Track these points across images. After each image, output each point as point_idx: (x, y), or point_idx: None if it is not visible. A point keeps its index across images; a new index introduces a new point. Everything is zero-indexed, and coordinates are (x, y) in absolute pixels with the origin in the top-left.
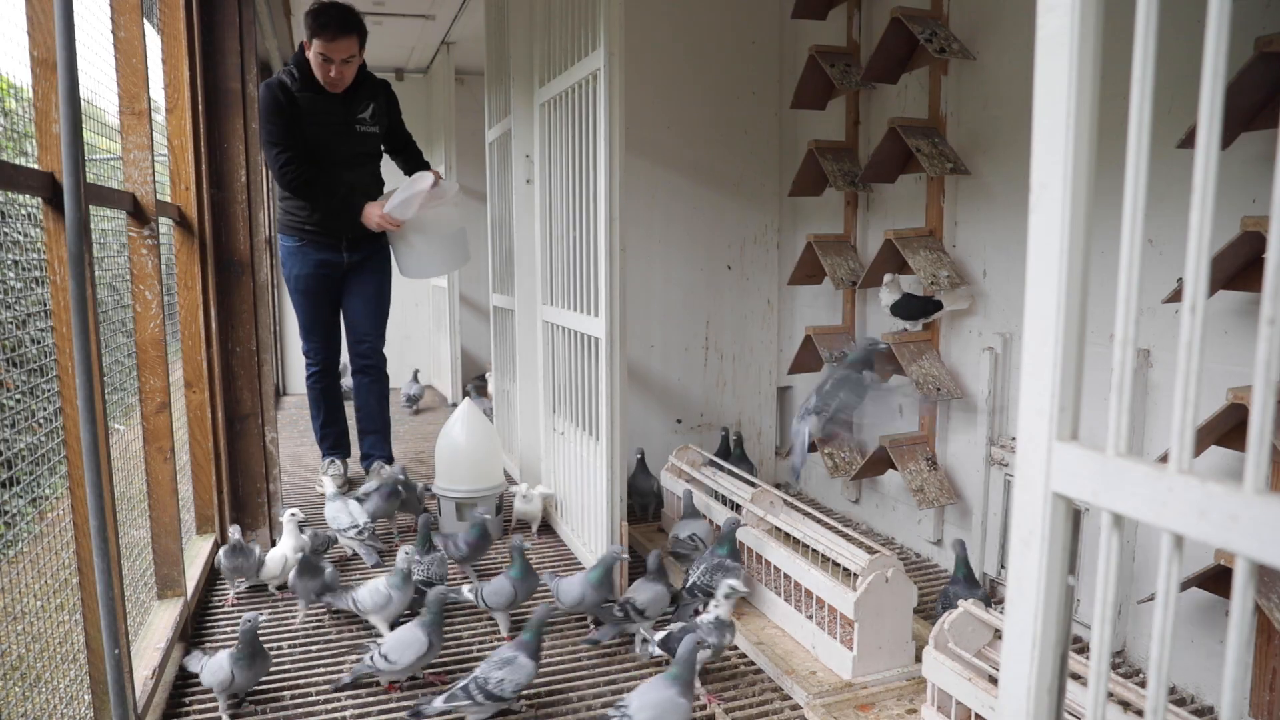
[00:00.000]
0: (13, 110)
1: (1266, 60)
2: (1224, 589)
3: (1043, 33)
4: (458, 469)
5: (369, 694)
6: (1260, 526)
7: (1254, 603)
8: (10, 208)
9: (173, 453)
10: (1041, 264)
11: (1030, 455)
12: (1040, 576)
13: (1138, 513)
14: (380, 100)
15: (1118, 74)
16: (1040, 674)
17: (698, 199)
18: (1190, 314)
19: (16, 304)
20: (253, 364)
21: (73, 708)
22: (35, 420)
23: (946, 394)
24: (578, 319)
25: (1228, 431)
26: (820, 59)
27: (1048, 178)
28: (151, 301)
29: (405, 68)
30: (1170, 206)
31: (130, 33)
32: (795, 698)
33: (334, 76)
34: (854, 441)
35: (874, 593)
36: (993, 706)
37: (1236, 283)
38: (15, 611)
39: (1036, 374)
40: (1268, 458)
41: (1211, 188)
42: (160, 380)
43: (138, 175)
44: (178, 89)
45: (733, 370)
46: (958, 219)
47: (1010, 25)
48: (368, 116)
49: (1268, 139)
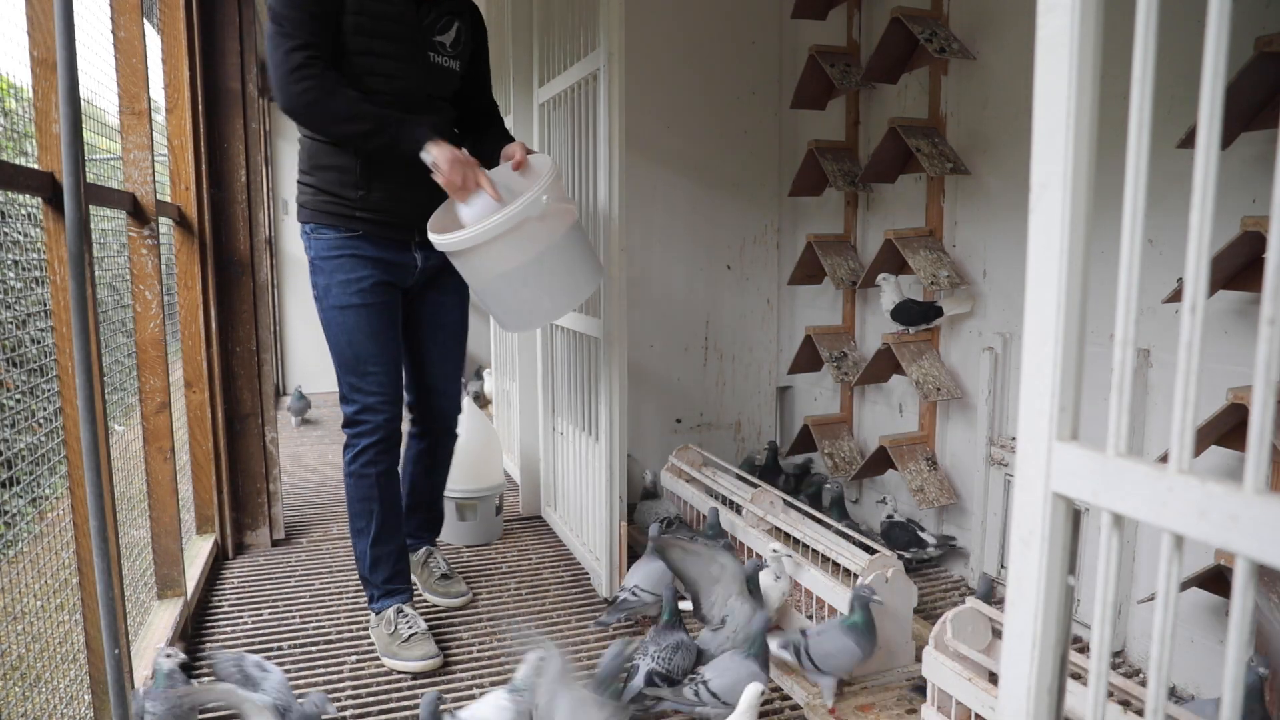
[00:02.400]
0: (13, 110)
1: (1266, 60)
2: (1224, 589)
3: (1043, 33)
4: (458, 469)
5: (369, 694)
6: (1260, 526)
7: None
8: (10, 208)
9: (173, 453)
10: (1041, 264)
11: (1030, 455)
12: (1040, 576)
13: (1138, 513)
14: (465, 22)
15: (1118, 74)
16: (1040, 674)
17: (697, 199)
18: (1190, 314)
19: (16, 304)
20: (253, 364)
21: (73, 708)
22: (35, 420)
23: (946, 394)
24: (578, 319)
25: (1228, 431)
26: (820, 59)
27: (1048, 178)
28: (151, 301)
29: None
30: (1170, 206)
31: (130, 33)
32: (795, 698)
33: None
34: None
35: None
36: (993, 707)
37: (1236, 283)
38: (15, 611)
39: (1036, 374)
40: (1268, 458)
41: (1211, 188)
42: (160, 380)
43: (138, 175)
44: (178, 89)
45: (733, 370)
46: (958, 219)
47: (1010, 25)
48: (448, 42)
49: (1268, 139)
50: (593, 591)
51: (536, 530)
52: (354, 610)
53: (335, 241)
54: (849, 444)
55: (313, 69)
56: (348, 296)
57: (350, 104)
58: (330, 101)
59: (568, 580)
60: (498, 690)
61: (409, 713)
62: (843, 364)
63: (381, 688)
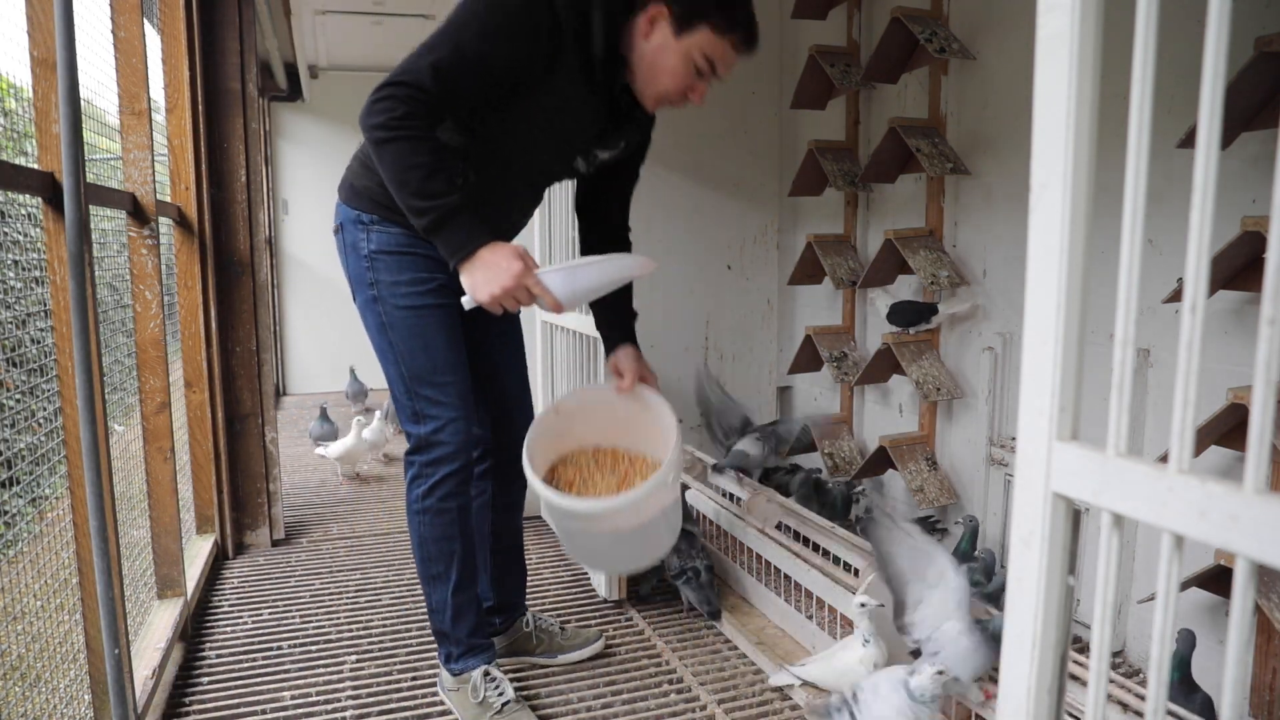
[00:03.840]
0: (13, 110)
1: (1266, 60)
2: (1224, 589)
3: (1043, 33)
4: None
5: (369, 694)
6: (1260, 526)
7: (1254, 603)
8: (10, 208)
9: (173, 453)
10: (1041, 264)
11: (1030, 455)
12: (1040, 576)
13: (1138, 513)
14: (634, 140)
15: (1118, 74)
16: (1040, 674)
17: (697, 199)
18: (1190, 314)
19: (16, 304)
20: (253, 364)
21: (73, 708)
22: (35, 420)
23: (946, 394)
24: (578, 319)
25: (1228, 431)
26: (820, 59)
27: (1048, 178)
28: (151, 301)
29: None
30: (1170, 206)
31: (130, 33)
32: (795, 698)
33: (693, 96)
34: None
35: (874, 593)
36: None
37: (1236, 283)
38: (15, 611)
39: (1036, 374)
40: (1268, 458)
41: (1211, 188)
42: (160, 380)
43: (138, 175)
44: (178, 89)
45: (733, 370)
46: (958, 219)
47: (1010, 25)
48: (603, 155)
49: (1268, 139)
50: (593, 591)
51: (536, 530)
52: (354, 610)
53: (404, 238)
54: (849, 444)
55: (419, 115)
56: (419, 296)
57: (431, 169)
58: (411, 155)
59: (567, 580)
60: (895, 681)
61: (409, 713)
62: (843, 364)
63: (381, 688)
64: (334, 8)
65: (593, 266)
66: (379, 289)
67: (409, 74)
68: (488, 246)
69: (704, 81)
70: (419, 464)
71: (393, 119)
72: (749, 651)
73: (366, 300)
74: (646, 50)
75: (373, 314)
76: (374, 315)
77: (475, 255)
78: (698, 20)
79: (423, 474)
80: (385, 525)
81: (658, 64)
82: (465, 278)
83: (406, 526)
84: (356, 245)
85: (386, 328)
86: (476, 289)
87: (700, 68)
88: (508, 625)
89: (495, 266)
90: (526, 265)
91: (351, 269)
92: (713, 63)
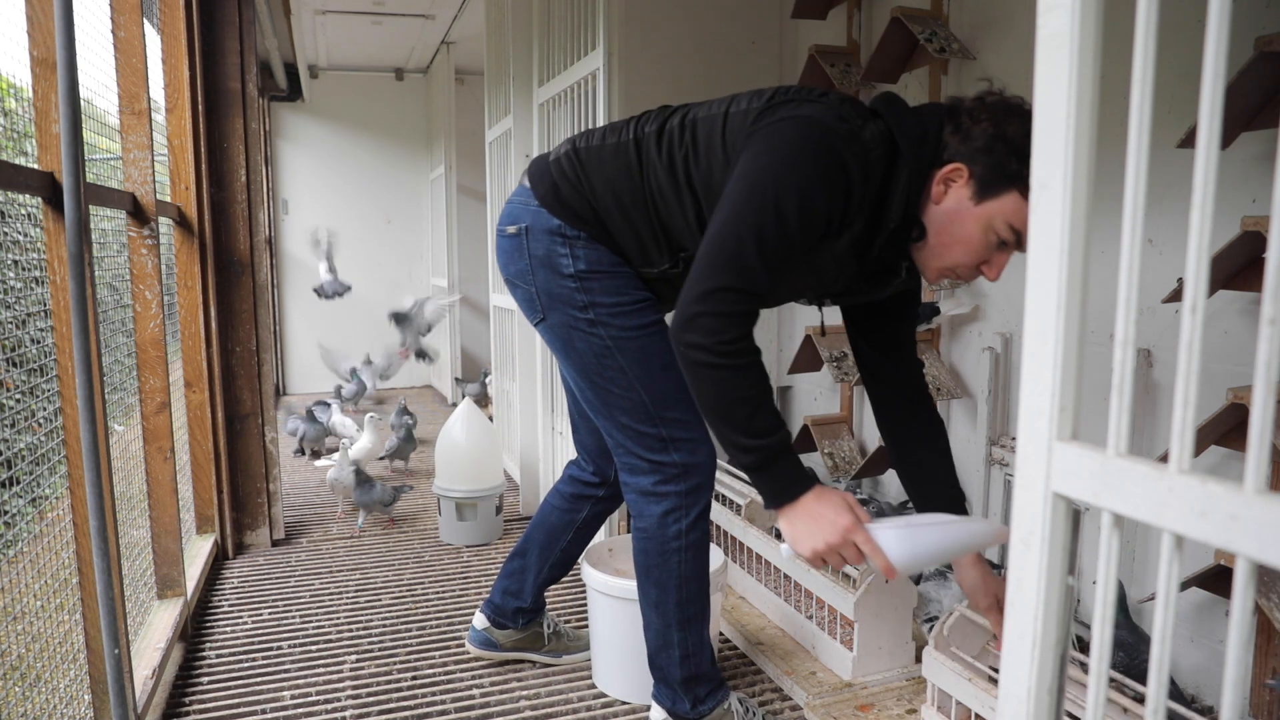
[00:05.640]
0: (13, 110)
1: (1266, 60)
2: (1224, 589)
3: (1043, 33)
4: (458, 469)
5: (369, 694)
6: (1260, 526)
7: (1254, 603)
8: (10, 208)
9: (173, 453)
10: (1041, 264)
11: (1030, 455)
12: (1040, 576)
13: (1138, 513)
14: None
15: (1118, 74)
16: (1040, 675)
17: None
18: (1190, 314)
19: (16, 304)
20: (253, 364)
21: (73, 708)
22: (35, 420)
23: (947, 394)
24: None
25: (1228, 431)
26: (820, 59)
27: (1048, 177)
28: (151, 301)
29: (405, 68)
30: (1170, 206)
31: (130, 33)
32: (795, 698)
33: (988, 271)
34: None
35: (874, 593)
36: (993, 707)
37: (1236, 283)
38: (15, 611)
39: (1036, 374)
40: (1268, 458)
41: (1211, 188)
42: (160, 380)
43: (138, 175)
44: (178, 89)
45: None
46: None
47: (1010, 25)
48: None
49: (1268, 139)
50: None
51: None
52: (354, 610)
53: (610, 255)
54: (849, 444)
55: (748, 334)
56: (643, 314)
57: (750, 411)
58: (733, 383)
59: (568, 580)
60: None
61: (409, 713)
62: (843, 364)
63: (381, 688)
64: (334, 8)
65: (936, 529)
66: (596, 311)
67: (741, 275)
68: (813, 493)
69: (1005, 253)
70: (676, 495)
71: (722, 343)
72: (748, 651)
73: (571, 322)
74: (936, 216)
75: (586, 339)
76: (590, 340)
77: (798, 502)
78: (1005, 184)
79: (681, 506)
80: (385, 525)
81: (950, 233)
82: (785, 525)
83: (642, 566)
84: (553, 261)
85: (614, 352)
86: (798, 540)
87: (1004, 238)
88: (528, 624)
89: (821, 518)
90: (856, 518)
91: (543, 284)
92: (1018, 233)
